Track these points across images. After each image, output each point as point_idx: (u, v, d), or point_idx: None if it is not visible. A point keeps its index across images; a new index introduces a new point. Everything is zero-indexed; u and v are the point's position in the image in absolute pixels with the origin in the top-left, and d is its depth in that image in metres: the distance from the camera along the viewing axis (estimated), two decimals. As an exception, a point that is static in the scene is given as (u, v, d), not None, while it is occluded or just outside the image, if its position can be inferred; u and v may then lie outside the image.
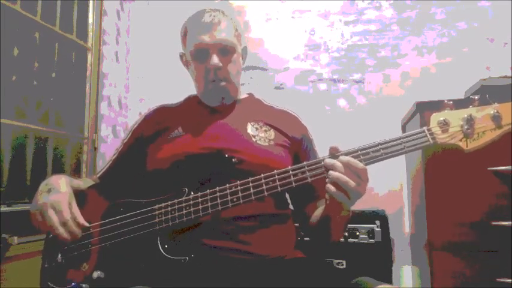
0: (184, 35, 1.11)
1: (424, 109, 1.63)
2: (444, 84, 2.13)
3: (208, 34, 1.04)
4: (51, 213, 0.90)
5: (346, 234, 1.75)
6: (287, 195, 1.09)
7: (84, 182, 1.08)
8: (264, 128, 1.06)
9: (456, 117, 0.78)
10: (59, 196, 0.92)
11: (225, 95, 1.10)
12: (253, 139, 1.02)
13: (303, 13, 2.43)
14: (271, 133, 1.05)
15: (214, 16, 1.06)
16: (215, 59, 1.04)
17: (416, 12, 2.27)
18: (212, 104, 1.11)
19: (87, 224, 0.93)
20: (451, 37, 2.21)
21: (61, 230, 0.89)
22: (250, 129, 1.04)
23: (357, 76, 2.32)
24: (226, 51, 1.06)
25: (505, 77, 1.67)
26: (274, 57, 2.44)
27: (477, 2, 2.19)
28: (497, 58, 2.10)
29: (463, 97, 1.83)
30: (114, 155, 1.17)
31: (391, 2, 2.31)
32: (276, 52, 2.44)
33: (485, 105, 0.77)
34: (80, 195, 0.98)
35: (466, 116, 0.77)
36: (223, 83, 1.07)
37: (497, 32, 2.14)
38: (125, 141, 1.16)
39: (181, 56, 1.18)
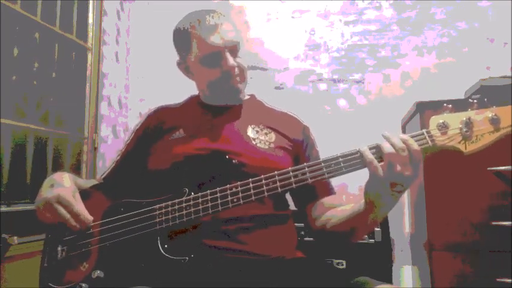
0: (186, 41, 1.05)
1: (424, 109, 1.63)
2: (444, 84, 2.13)
3: (219, 36, 1.00)
4: (58, 206, 0.90)
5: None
6: (287, 196, 1.09)
7: (87, 183, 1.08)
8: (264, 131, 1.06)
9: (455, 120, 0.79)
10: (63, 190, 0.93)
11: (239, 96, 1.09)
12: (253, 142, 1.02)
13: (303, 13, 2.44)
14: (272, 136, 1.05)
15: (216, 17, 1.03)
16: (231, 60, 1.02)
17: (416, 12, 2.27)
18: (223, 102, 1.10)
19: (91, 218, 0.94)
20: (451, 37, 2.21)
21: (72, 220, 0.91)
22: (250, 131, 1.04)
23: (357, 76, 2.32)
24: (235, 50, 1.05)
25: (505, 77, 1.67)
26: (274, 57, 2.44)
27: (477, 2, 2.19)
28: (497, 58, 2.10)
29: (463, 97, 1.83)
30: (117, 156, 1.17)
31: (391, 2, 2.32)
32: (276, 52, 2.44)
33: (484, 108, 0.77)
34: (82, 194, 0.98)
35: (465, 119, 0.78)
36: (239, 82, 1.06)
37: (497, 32, 2.14)
38: (127, 142, 1.17)
39: (180, 63, 1.13)
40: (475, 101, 0.79)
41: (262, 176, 0.85)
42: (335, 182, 1.04)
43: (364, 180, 0.80)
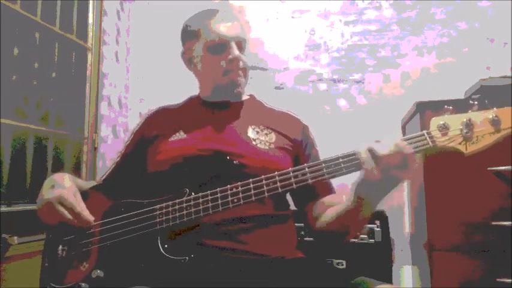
0: (196, 29, 1.09)
1: (424, 109, 1.63)
2: (444, 84, 2.13)
3: (227, 28, 1.06)
4: (59, 207, 0.91)
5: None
6: (287, 196, 1.09)
7: (87, 184, 1.09)
8: (264, 132, 1.06)
9: (456, 121, 0.79)
10: (64, 190, 0.94)
11: (238, 89, 1.09)
12: (254, 143, 1.02)
13: (303, 13, 2.44)
14: (272, 136, 1.05)
15: (227, 14, 1.10)
16: (236, 51, 1.05)
17: (416, 12, 2.27)
18: (223, 98, 1.11)
19: (92, 217, 0.95)
20: (451, 37, 2.21)
21: (73, 221, 0.92)
22: (250, 132, 1.04)
23: (357, 76, 2.32)
24: (241, 47, 1.09)
25: (505, 77, 1.67)
26: (274, 57, 2.44)
27: (477, 2, 2.19)
28: (497, 58, 2.10)
29: (463, 97, 1.83)
30: (117, 157, 1.17)
31: (391, 2, 2.32)
32: (276, 52, 2.44)
33: (485, 110, 0.78)
34: (82, 195, 0.99)
35: (465, 120, 0.79)
36: (240, 76, 1.08)
37: (497, 32, 2.14)
38: (127, 143, 1.17)
39: (184, 53, 1.16)
40: (476, 102, 0.79)
41: (263, 177, 0.85)
42: (335, 182, 1.04)
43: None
